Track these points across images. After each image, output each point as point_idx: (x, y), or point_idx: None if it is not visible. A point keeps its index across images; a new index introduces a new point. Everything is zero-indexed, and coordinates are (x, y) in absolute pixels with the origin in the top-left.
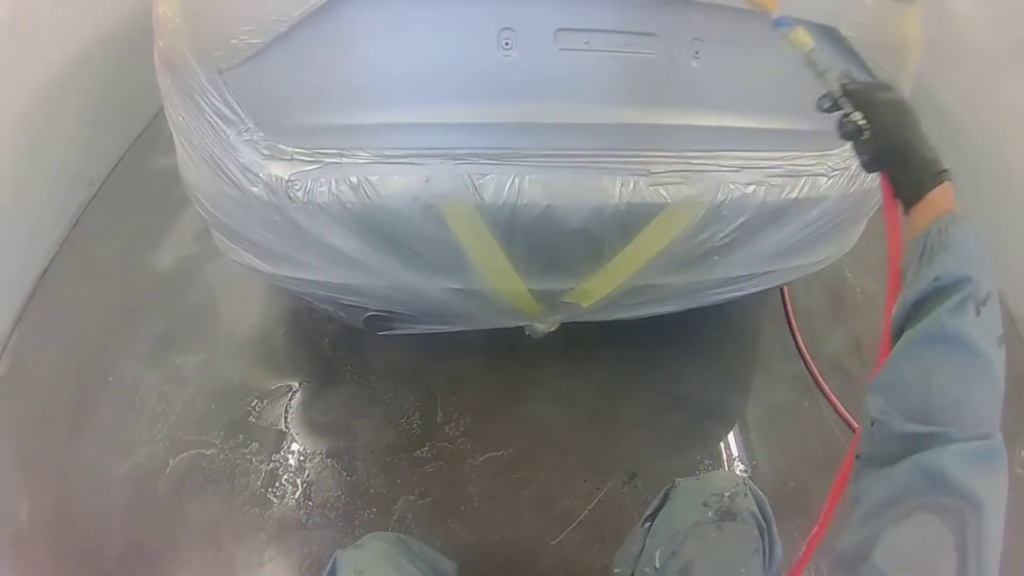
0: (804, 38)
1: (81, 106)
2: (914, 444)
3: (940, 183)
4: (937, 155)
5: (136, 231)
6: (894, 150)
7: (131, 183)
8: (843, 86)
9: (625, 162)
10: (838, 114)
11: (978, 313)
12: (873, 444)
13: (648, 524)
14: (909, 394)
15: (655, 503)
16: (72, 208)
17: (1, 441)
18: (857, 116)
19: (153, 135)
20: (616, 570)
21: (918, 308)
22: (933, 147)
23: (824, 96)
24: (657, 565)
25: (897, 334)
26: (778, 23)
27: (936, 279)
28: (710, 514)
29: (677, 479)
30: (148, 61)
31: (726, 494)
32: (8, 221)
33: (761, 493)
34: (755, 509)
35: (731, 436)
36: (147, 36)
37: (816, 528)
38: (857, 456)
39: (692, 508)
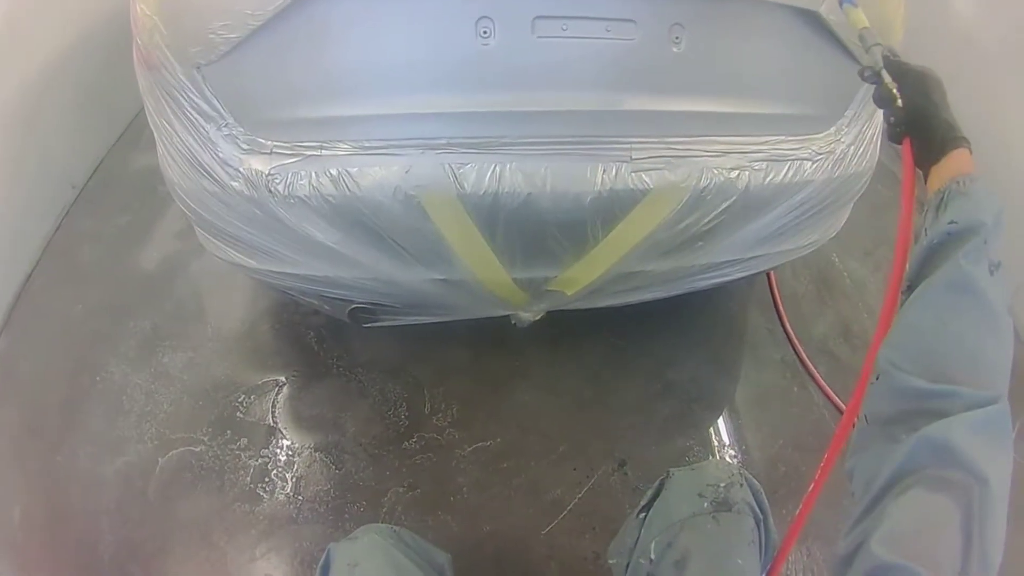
0: (861, 16)
1: (62, 108)
2: (921, 402)
3: (960, 145)
4: (956, 122)
5: (120, 231)
6: (922, 115)
7: (114, 183)
8: (885, 59)
9: (607, 149)
10: (875, 86)
11: (992, 273)
12: (878, 402)
13: (643, 515)
14: (923, 343)
15: (649, 494)
16: (55, 211)
17: None
18: (892, 84)
19: (135, 134)
20: (611, 561)
21: (933, 256)
22: (954, 116)
23: (866, 67)
24: (652, 557)
25: (910, 289)
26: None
27: (952, 222)
28: (705, 505)
29: (671, 469)
30: (128, 61)
31: (721, 484)
32: None
33: (756, 483)
34: (751, 499)
35: (721, 422)
36: (126, 36)
37: (802, 507)
38: (864, 417)
39: (687, 499)
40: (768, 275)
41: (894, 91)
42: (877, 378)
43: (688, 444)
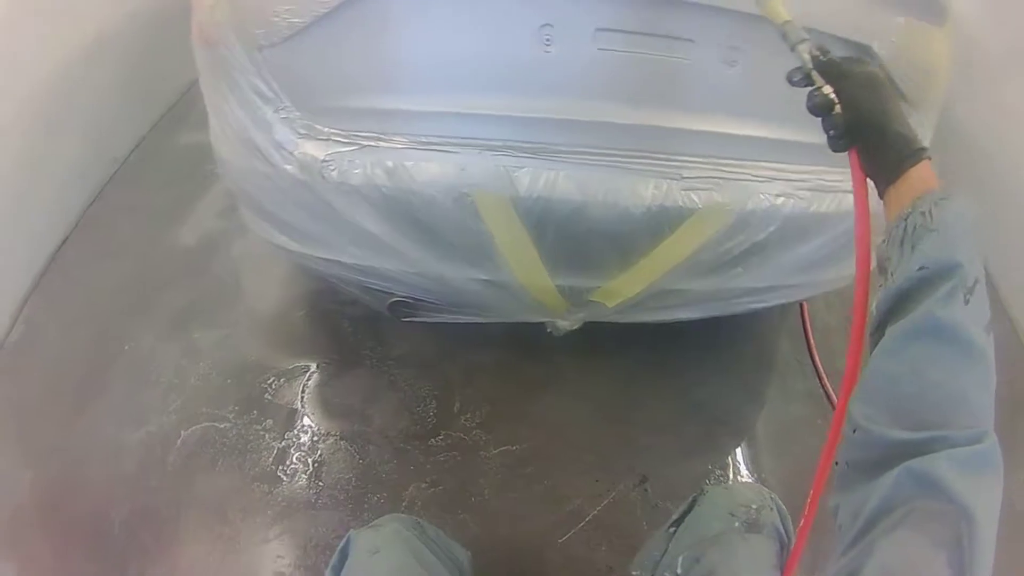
0: (780, 8)
1: (106, 82)
2: (904, 449)
3: (920, 160)
4: (912, 131)
5: (159, 207)
6: (868, 125)
7: (156, 159)
8: (814, 59)
9: (659, 165)
10: (809, 89)
11: (967, 301)
12: (857, 451)
13: (673, 529)
14: (898, 394)
15: (682, 508)
16: (95, 182)
17: (8, 406)
18: (828, 89)
19: (181, 112)
20: (634, 572)
21: (903, 300)
22: (910, 124)
23: (795, 69)
24: (679, 571)
25: (877, 330)
26: None
27: (922, 268)
28: (736, 524)
29: (706, 486)
30: (178, 37)
31: (753, 506)
32: (29, 191)
33: (785, 509)
34: (779, 524)
35: (743, 448)
36: (178, 12)
37: (803, 519)
38: (835, 463)
39: (719, 516)
40: (801, 306)
41: (831, 96)
42: (854, 431)
43: (710, 467)
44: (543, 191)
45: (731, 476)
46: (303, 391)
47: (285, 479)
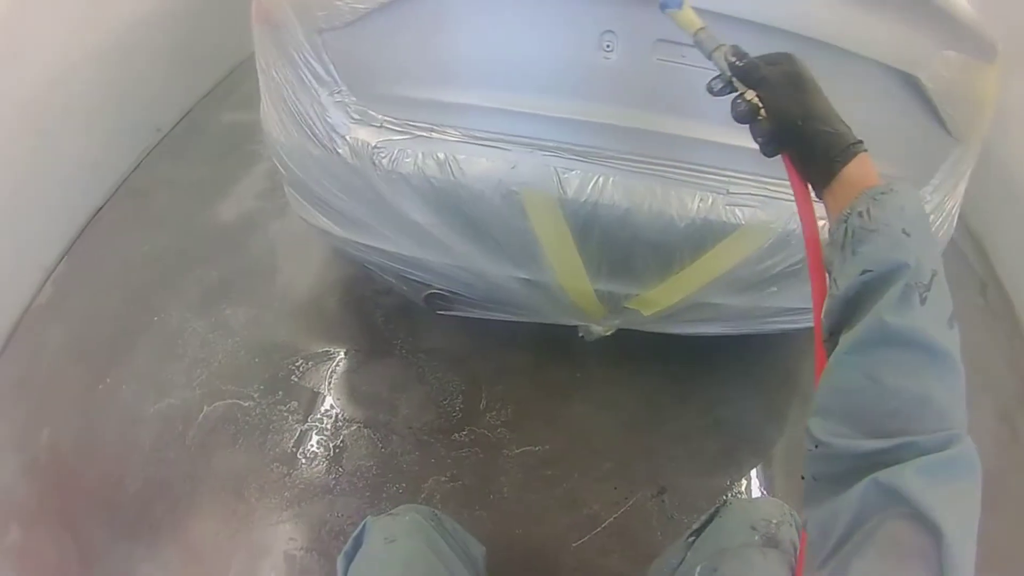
0: (692, 17)
1: (158, 51)
2: (873, 459)
3: (854, 156)
4: (846, 126)
5: (199, 181)
6: (792, 128)
7: (200, 134)
8: (731, 64)
9: (706, 178)
10: (732, 96)
11: (923, 301)
12: (822, 465)
13: (692, 539)
14: (858, 405)
15: (703, 519)
16: (136, 151)
17: (32, 366)
18: (750, 95)
19: (227, 90)
20: None
21: (851, 307)
22: (838, 117)
23: (715, 78)
24: None
25: (830, 338)
26: (664, 5)
27: (866, 271)
28: (756, 538)
29: (729, 498)
30: (230, 16)
31: (774, 521)
32: (72, 153)
33: None
34: (797, 540)
35: (762, 467)
36: None
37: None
38: (803, 477)
39: (740, 529)
40: None
41: (754, 102)
42: (816, 446)
43: (728, 483)
44: (591, 195)
45: (748, 494)
46: (330, 376)
47: (304, 462)
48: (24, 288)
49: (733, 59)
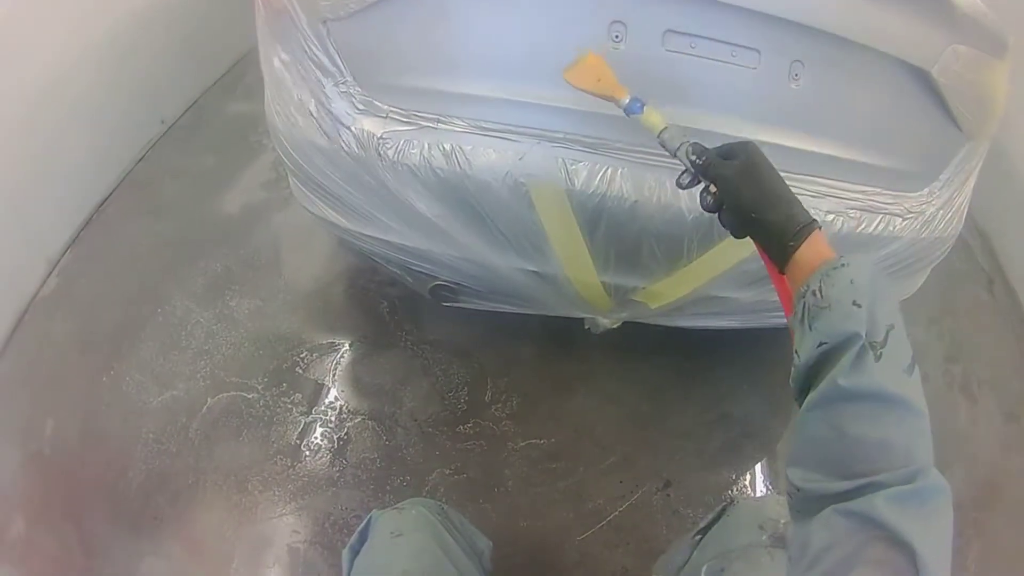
0: (654, 118)
1: (163, 43)
2: (845, 497)
3: (805, 237)
4: (795, 209)
5: (204, 171)
6: (747, 219)
7: (205, 125)
8: (692, 162)
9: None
10: (700, 188)
11: (879, 357)
12: (805, 505)
13: (698, 537)
14: (827, 453)
15: (709, 517)
16: (141, 142)
17: (37, 358)
18: (713, 189)
19: (233, 80)
20: None
21: (812, 373)
22: (792, 200)
23: (683, 173)
24: None
25: (799, 397)
26: (629, 110)
27: (822, 344)
28: (764, 538)
29: (736, 497)
30: (235, 7)
31: (782, 521)
32: (77, 145)
33: None
34: None
35: (767, 462)
36: None
37: None
38: (797, 511)
39: (747, 529)
40: None
41: (715, 195)
42: (798, 490)
43: (733, 477)
44: (599, 186)
45: (752, 488)
46: (335, 368)
47: (308, 454)
48: (29, 280)
49: (693, 157)
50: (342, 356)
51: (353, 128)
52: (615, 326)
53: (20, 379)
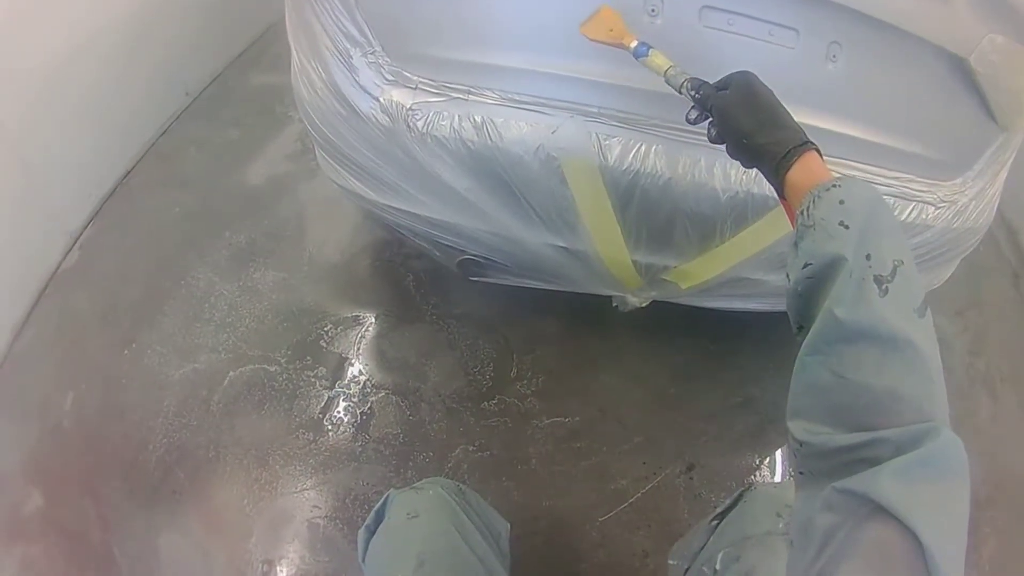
0: (659, 60)
1: (187, 13)
2: (852, 454)
3: (797, 158)
4: (788, 132)
5: (229, 143)
6: (741, 145)
7: (230, 97)
8: (692, 96)
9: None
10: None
11: (885, 292)
12: (811, 462)
13: (715, 523)
14: (829, 402)
15: (727, 503)
16: (165, 114)
17: (58, 331)
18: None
19: (258, 52)
20: (671, 561)
21: (803, 301)
22: (786, 124)
23: (690, 109)
24: (717, 567)
25: (801, 330)
26: (636, 53)
27: (807, 265)
28: (781, 526)
29: (755, 482)
30: None
31: None
32: (99, 117)
33: None
34: None
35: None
36: None
37: None
38: (800, 472)
39: (765, 516)
40: None
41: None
42: (801, 446)
43: (756, 462)
44: (632, 163)
45: (775, 473)
46: (359, 341)
47: (331, 429)
48: (51, 253)
49: (693, 92)
50: (367, 330)
51: (382, 99)
52: (644, 305)
53: (41, 352)
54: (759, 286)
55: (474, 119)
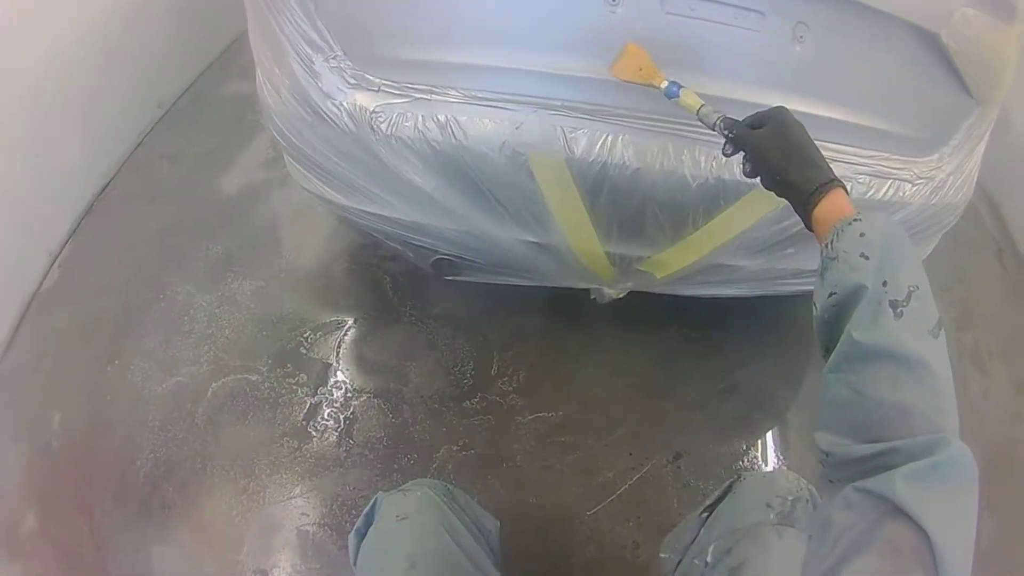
0: (691, 99)
1: (157, 26)
2: (868, 464)
3: (824, 195)
4: (816, 171)
5: (202, 154)
6: (776, 181)
7: (202, 107)
8: (726, 136)
9: (719, 137)
10: (741, 157)
11: (900, 315)
12: (835, 472)
13: (705, 515)
14: (849, 417)
15: (716, 494)
16: (139, 128)
17: (42, 351)
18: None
19: (228, 61)
20: (663, 555)
21: (829, 327)
22: (815, 162)
23: (725, 144)
24: (708, 560)
25: (825, 358)
26: (668, 93)
27: (832, 294)
28: (772, 516)
29: (743, 472)
30: None
31: (790, 498)
32: (72, 134)
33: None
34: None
35: (778, 432)
36: None
37: None
38: (829, 481)
39: (755, 507)
40: None
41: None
42: (827, 456)
43: (744, 448)
44: (599, 154)
45: (764, 459)
46: (339, 346)
47: (315, 435)
48: (32, 273)
49: (727, 131)
50: (346, 334)
51: (345, 103)
52: (621, 296)
53: (27, 373)
54: (736, 272)
55: (438, 119)
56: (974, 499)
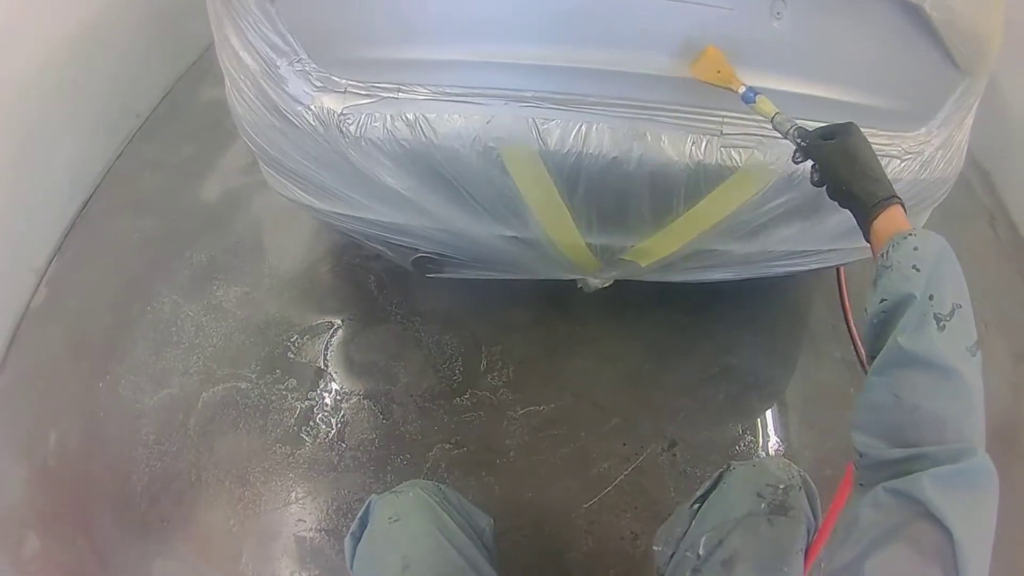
0: (767, 106)
1: (131, 36)
2: (897, 468)
3: (883, 210)
4: (879, 186)
5: (183, 162)
6: (838, 193)
7: (180, 114)
8: (798, 144)
9: (697, 120)
10: (811, 164)
11: (942, 328)
12: (866, 475)
13: (697, 506)
14: (885, 420)
15: (706, 485)
16: (118, 139)
17: (34, 370)
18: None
19: (204, 66)
20: (656, 547)
21: (877, 332)
22: (878, 177)
23: (795, 152)
24: (701, 552)
25: (871, 358)
26: (745, 98)
27: (883, 300)
28: (763, 506)
29: (732, 463)
30: None
31: (781, 486)
32: (54, 150)
33: (814, 488)
34: (806, 506)
35: (773, 414)
36: None
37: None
38: (860, 484)
39: (745, 497)
40: (838, 271)
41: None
42: (860, 456)
43: (739, 433)
44: (574, 145)
45: (761, 442)
46: (327, 349)
47: (308, 440)
48: (20, 293)
49: (799, 140)
50: (333, 336)
51: (312, 106)
52: (607, 285)
53: (20, 392)
54: (723, 256)
55: (406, 117)
56: (995, 507)
